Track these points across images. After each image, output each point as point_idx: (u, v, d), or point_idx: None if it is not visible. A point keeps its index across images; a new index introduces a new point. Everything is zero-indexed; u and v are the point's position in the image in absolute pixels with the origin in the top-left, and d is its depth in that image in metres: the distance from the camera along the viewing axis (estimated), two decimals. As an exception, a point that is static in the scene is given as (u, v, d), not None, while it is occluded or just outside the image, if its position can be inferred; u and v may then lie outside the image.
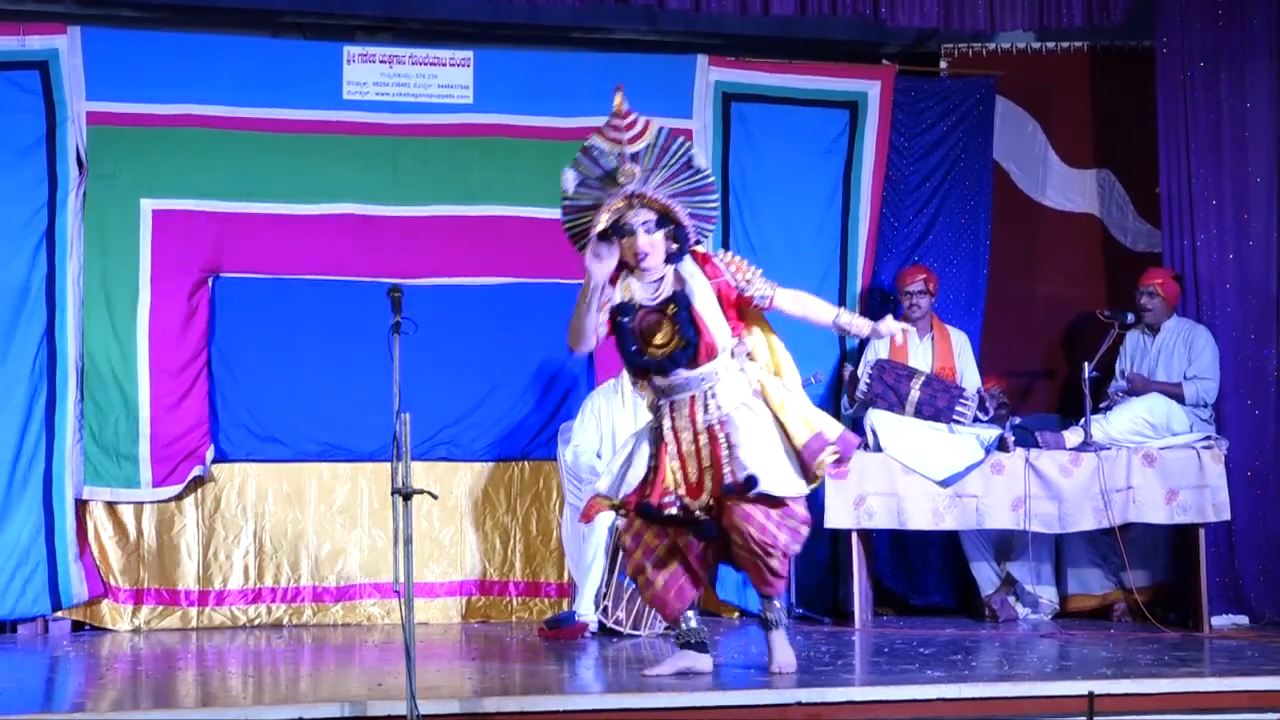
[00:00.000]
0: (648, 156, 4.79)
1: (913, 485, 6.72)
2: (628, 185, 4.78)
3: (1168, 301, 7.03)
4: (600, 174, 4.83)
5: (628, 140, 4.77)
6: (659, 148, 4.79)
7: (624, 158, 4.77)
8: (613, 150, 4.79)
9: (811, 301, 5.11)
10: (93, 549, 6.92)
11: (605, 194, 4.82)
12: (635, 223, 4.79)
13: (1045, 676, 5.18)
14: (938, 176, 7.69)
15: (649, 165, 4.79)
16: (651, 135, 4.79)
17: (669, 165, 4.81)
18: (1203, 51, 7.16)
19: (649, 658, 5.85)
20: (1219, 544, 6.81)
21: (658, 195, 4.81)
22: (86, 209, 6.97)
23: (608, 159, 4.80)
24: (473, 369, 7.26)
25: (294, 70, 7.23)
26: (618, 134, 4.78)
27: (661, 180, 4.81)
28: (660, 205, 4.80)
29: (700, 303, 4.84)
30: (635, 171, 4.78)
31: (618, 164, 4.78)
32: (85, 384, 6.91)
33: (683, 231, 4.86)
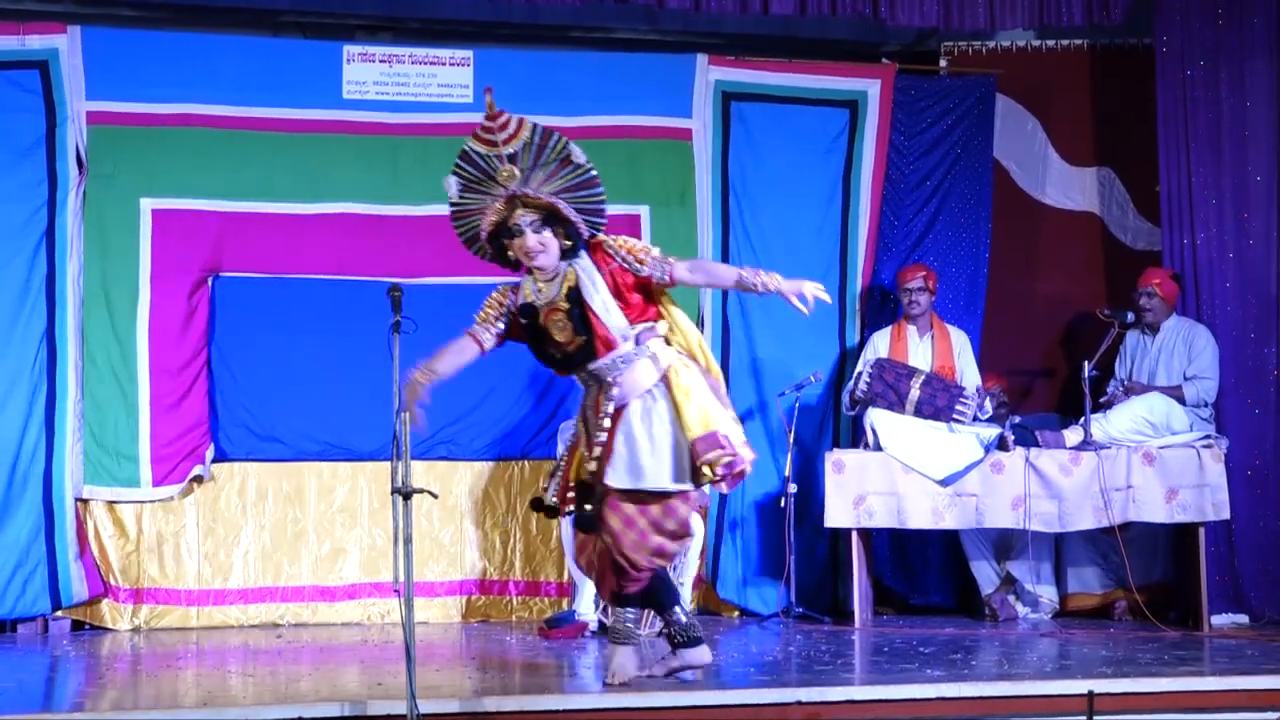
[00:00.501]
0: (525, 155, 4.73)
1: (913, 484, 6.72)
2: (509, 186, 4.74)
3: (1166, 301, 7.03)
4: (481, 177, 4.77)
5: (502, 141, 4.71)
6: (535, 145, 4.73)
7: (501, 159, 4.72)
8: (489, 153, 4.73)
9: (712, 267, 5.01)
10: (93, 548, 6.92)
11: (490, 197, 4.78)
12: (521, 223, 4.75)
13: (1045, 676, 5.19)
14: (938, 175, 7.69)
15: (528, 164, 4.74)
16: (526, 133, 4.72)
17: (548, 162, 4.75)
18: (1202, 50, 7.15)
19: (649, 657, 5.85)
20: (1219, 543, 6.81)
21: (540, 193, 4.75)
22: (86, 208, 6.97)
23: (486, 162, 4.74)
24: (472, 368, 7.18)
25: (294, 70, 7.23)
26: (491, 135, 4.72)
27: (543, 178, 4.75)
28: (544, 203, 4.74)
29: (592, 297, 4.76)
30: (514, 172, 4.73)
31: (496, 166, 4.73)
32: (85, 383, 6.91)
33: (573, 228, 4.78)
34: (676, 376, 4.80)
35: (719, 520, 7.31)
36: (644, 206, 7.46)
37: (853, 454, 6.89)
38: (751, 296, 7.43)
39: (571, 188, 4.78)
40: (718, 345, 7.46)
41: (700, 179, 7.51)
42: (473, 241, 4.91)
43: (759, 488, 7.37)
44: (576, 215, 4.78)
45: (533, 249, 4.76)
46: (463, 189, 4.81)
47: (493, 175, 4.74)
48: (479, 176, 4.77)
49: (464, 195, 4.82)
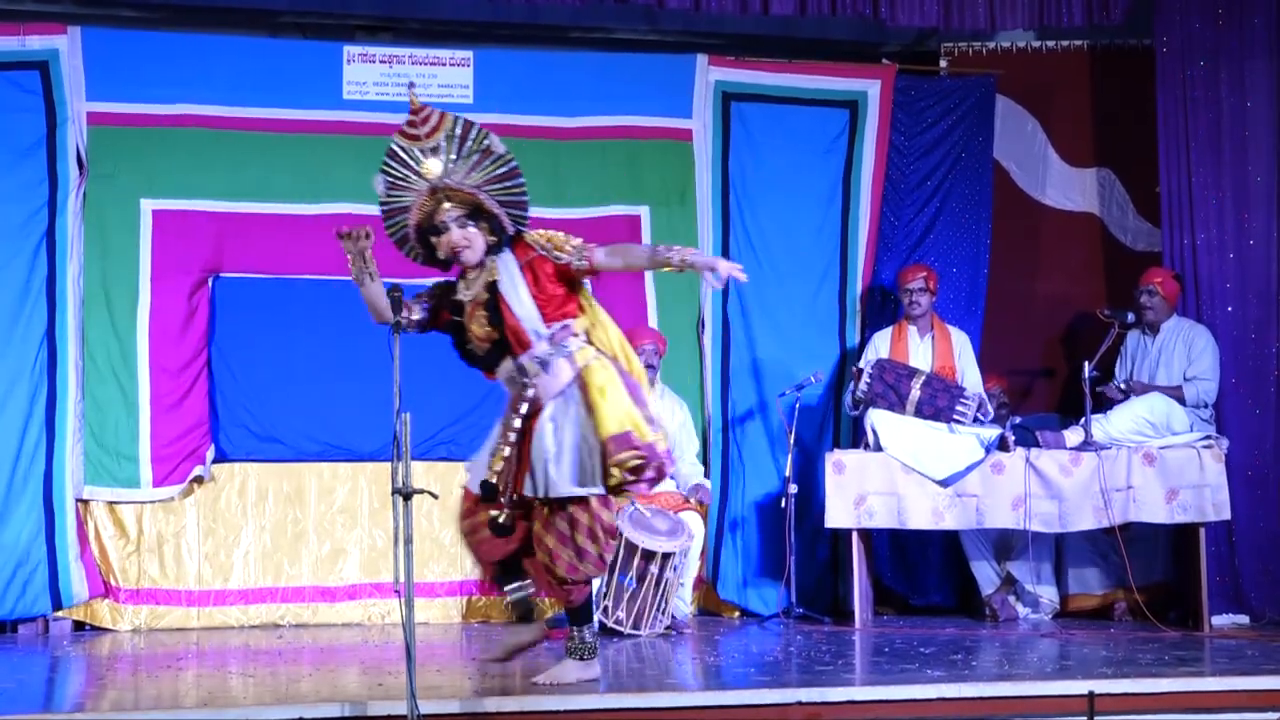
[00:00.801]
0: (448, 148, 4.73)
1: (913, 485, 6.72)
2: (431, 179, 4.74)
3: (1168, 301, 7.03)
4: (407, 174, 4.77)
5: (425, 135, 4.72)
6: (457, 137, 4.73)
7: (425, 152, 4.72)
8: (413, 147, 4.74)
9: (630, 249, 4.98)
10: (93, 549, 6.92)
11: (416, 193, 4.79)
12: (447, 219, 4.76)
13: (1045, 676, 5.18)
14: (938, 176, 7.69)
15: (450, 157, 4.73)
16: (448, 126, 4.73)
17: (470, 154, 4.75)
18: (1202, 50, 7.15)
19: (649, 657, 5.86)
20: (1219, 543, 6.81)
21: (463, 185, 4.75)
22: (87, 209, 6.97)
23: (411, 157, 4.75)
24: (474, 369, 7.24)
25: (294, 70, 7.24)
26: (415, 130, 4.73)
27: (466, 170, 4.75)
28: (467, 195, 4.75)
29: (507, 290, 4.77)
30: (437, 164, 4.73)
31: (420, 159, 4.73)
32: (86, 383, 6.91)
33: (497, 222, 4.80)
34: (592, 375, 4.76)
35: (719, 521, 7.31)
36: (644, 207, 7.47)
37: (853, 454, 6.89)
38: (751, 295, 7.50)
39: (494, 179, 4.78)
40: (718, 346, 7.46)
41: (700, 179, 7.51)
42: (404, 242, 4.91)
43: (759, 488, 7.37)
44: (499, 208, 4.79)
45: (458, 244, 4.77)
46: (390, 187, 4.80)
47: (417, 170, 4.75)
48: (404, 173, 4.78)
49: (391, 193, 4.82)
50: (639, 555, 6.36)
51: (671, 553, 6.40)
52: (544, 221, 7.40)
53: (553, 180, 7.40)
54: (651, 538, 6.38)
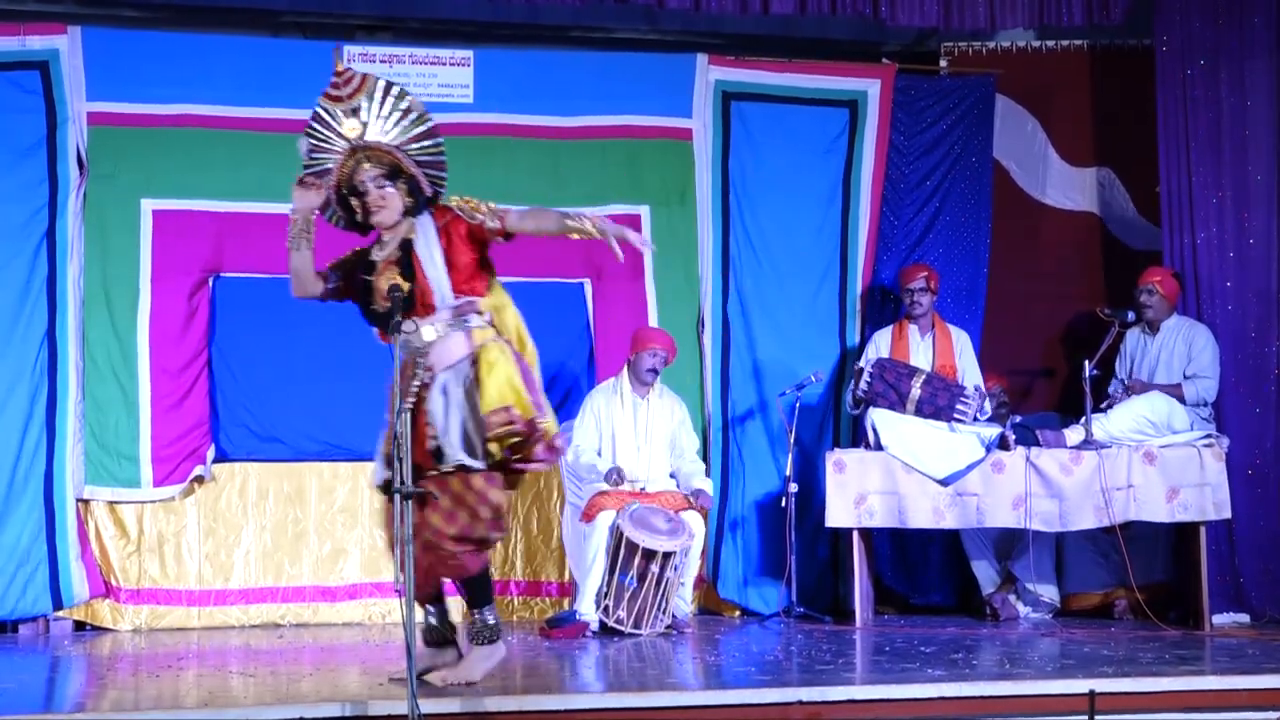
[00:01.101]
0: (367, 107, 4.79)
1: (913, 484, 6.72)
2: (352, 138, 4.79)
3: (1167, 299, 7.02)
4: (329, 135, 4.82)
5: (347, 96, 4.78)
6: (378, 97, 4.79)
7: (346, 113, 4.78)
8: (335, 108, 4.80)
9: (543, 213, 4.96)
10: (94, 548, 6.92)
11: (338, 154, 4.84)
12: (366, 179, 4.80)
13: (1046, 675, 5.18)
14: (938, 175, 7.69)
15: (369, 116, 4.79)
16: (369, 86, 4.79)
17: (389, 114, 4.80)
18: (1202, 50, 7.15)
19: (650, 657, 5.85)
20: (1220, 542, 6.81)
21: (381, 144, 4.80)
22: (87, 209, 6.97)
23: (333, 118, 4.81)
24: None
25: (294, 70, 7.21)
26: (338, 91, 4.79)
27: (384, 128, 4.80)
28: (385, 154, 4.80)
29: (422, 250, 4.80)
30: (357, 124, 4.79)
31: (341, 120, 4.79)
32: (86, 384, 6.91)
33: (415, 183, 4.84)
34: (485, 352, 4.79)
35: (720, 520, 7.31)
36: (644, 206, 7.46)
37: (853, 453, 6.89)
38: (751, 295, 7.50)
39: (412, 138, 4.83)
40: (718, 345, 7.46)
41: (700, 179, 7.51)
42: (325, 205, 4.91)
43: (760, 487, 7.37)
44: (417, 168, 4.84)
45: (374, 203, 4.81)
46: (312, 149, 4.84)
47: (339, 130, 4.80)
48: (326, 135, 4.82)
49: (314, 155, 4.85)
50: (639, 554, 6.36)
51: (672, 552, 6.40)
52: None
53: (553, 180, 7.40)
54: (652, 537, 6.38)
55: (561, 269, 7.38)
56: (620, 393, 6.82)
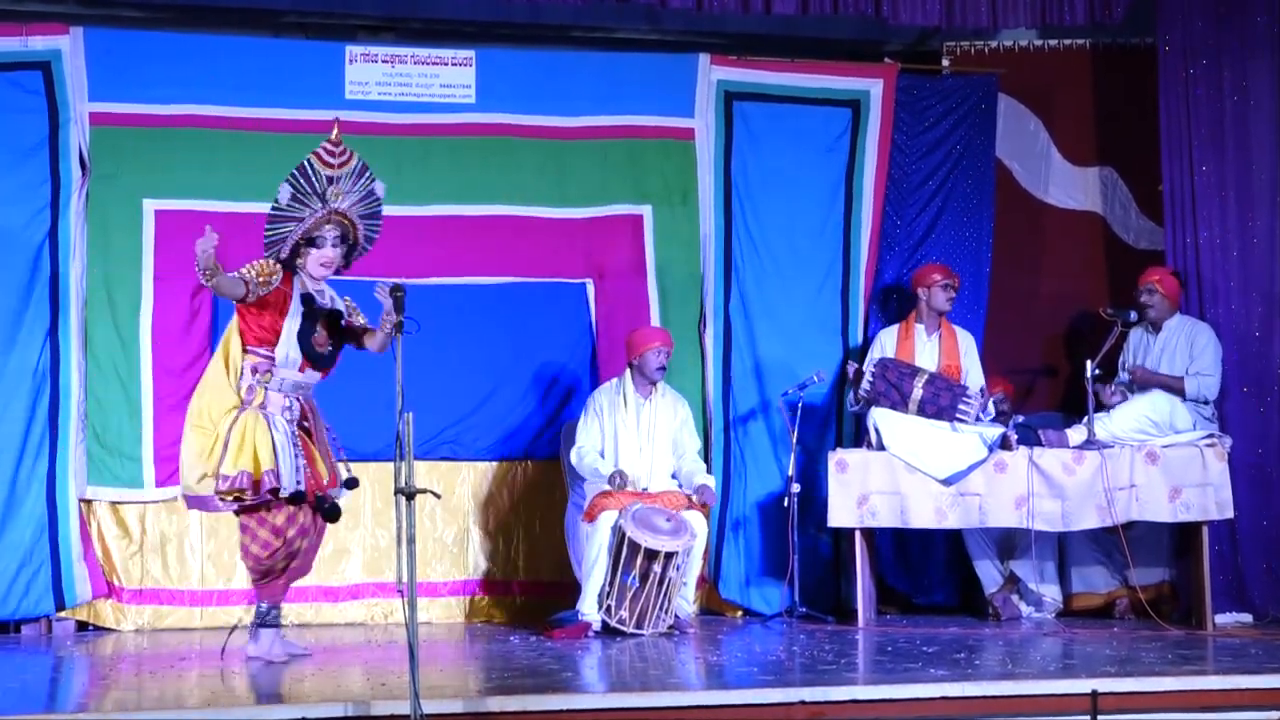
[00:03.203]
0: (347, 180, 5.56)
1: (916, 484, 6.71)
2: (332, 203, 5.56)
3: (1168, 299, 7.01)
4: (310, 191, 5.52)
5: (338, 165, 5.51)
6: (355, 174, 5.56)
7: (331, 179, 5.52)
8: (325, 172, 5.51)
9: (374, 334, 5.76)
10: (96, 549, 6.92)
11: (309, 209, 5.55)
12: (327, 235, 5.61)
13: (1049, 675, 5.18)
14: (940, 175, 7.69)
15: (346, 188, 5.56)
16: (354, 163, 5.55)
17: (359, 190, 5.61)
18: (1205, 49, 7.15)
19: (652, 657, 5.85)
20: (1222, 542, 6.80)
21: (349, 213, 5.64)
22: (89, 209, 6.97)
23: (319, 181, 5.52)
24: (476, 369, 7.26)
25: (296, 70, 7.23)
26: (332, 159, 5.51)
27: (351, 201, 5.62)
28: (350, 221, 5.65)
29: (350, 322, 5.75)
30: (339, 192, 5.55)
31: (327, 185, 5.52)
32: (88, 384, 6.91)
33: (354, 250, 5.74)
34: None
35: (722, 520, 7.31)
36: (646, 206, 7.46)
37: (856, 453, 6.89)
38: (753, 294, 7.51)
39: (365, 215, 5.70)
40: (720, 345, 7.46)
41: (702, 179, 7.50)
42: (274, 244, 5.60)
43: (762, 487, 7.37)
44: (362, 240, 5.74)
45: (330, 260, 5.66)
46: (291, 198, 5.52)
47: (320, 193, 5.53)
48: (308, 190, 5.52)
49: (290, 203, 5.54)
50: (642, 554, 6.36)
51: (674, 552, 6.40)
52: (546, 221, 7.46)
53: (555, 180, 7.40)
54: (654, 537, 6.38)
55: (563, 269, 7.38)
56: (624, 393, 6.82)
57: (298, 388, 5.69)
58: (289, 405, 5.64)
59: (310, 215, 5.56)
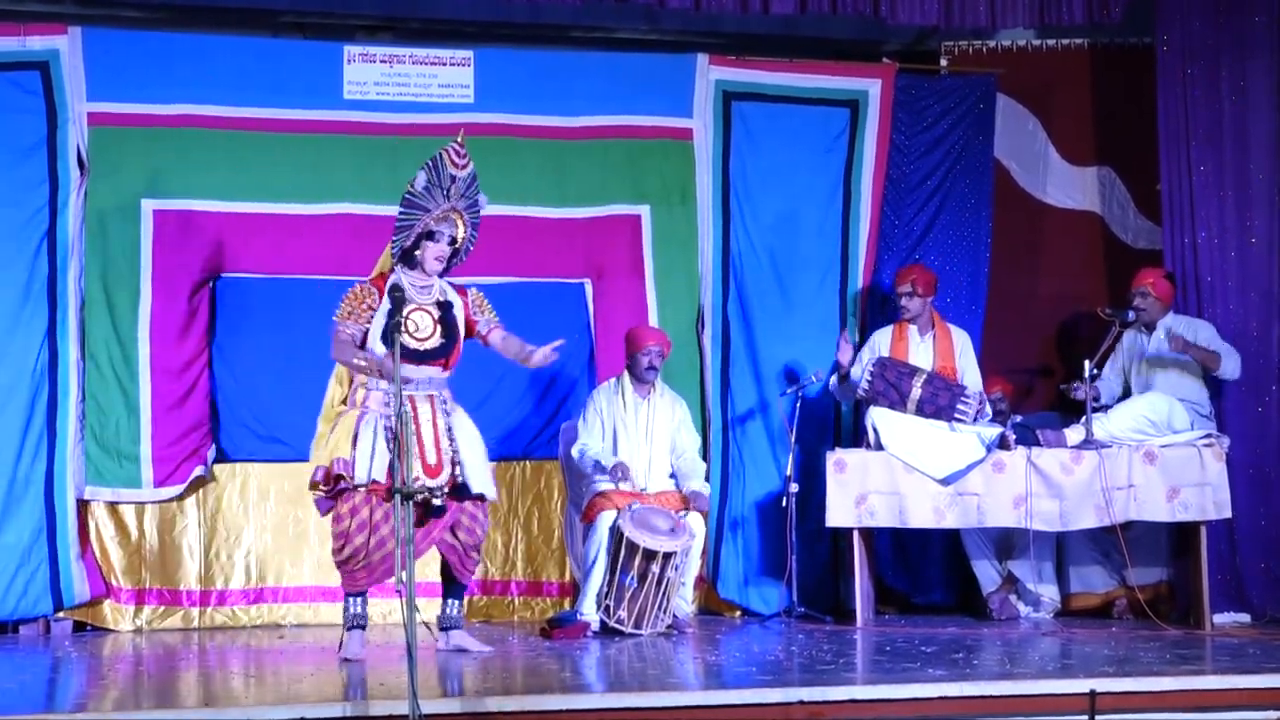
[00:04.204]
0: (463, 184, 5.87)
1: (914, 483, 6.72)
2: (454, 201, 5.86)
3: (1161, 301, 7.01)
4: (437, 184, 5.81)
5: (460, 166, 5.84)
6: (469, 180, 5.89)
7: (455, 179, 5.84)
8: (449, 169, 5.84)
9: (513, 340, 6.00)
10: (94, 549, 6.92)
11: (434, 202, 5.82)
12: (444, 231, 5.86)
13: (1047, 675, 5.18)
14: (939, 175, 7.69)
15: (460, 191, 5.87)
16: (471, 169, 5.89)
17: (469, 196, 5.91)
18: (1203, 48, 7.15)
19: (651, 657, 5.86)
20: (1220, 542, 6.81)
21: (466, 214, 5.94)
22: (88, 210, 6.97)
23: (444, 175, 5.82)
24: (474, 368, 7.23)
25: (294, 70, 7.23)
26: (458, 160, 5.85)
27: (465, 205, 5.92)
28: (466, 222, 5.95)
29: (459, 315, 5.93)
30: (455, 192, 5.86)
31: (450, 183, 5.83)
32: (87, 384, 6.91)
33: (457, 253, 5.96)
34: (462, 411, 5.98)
35: (720, 520, 7.31)
36: (644, 206, 7.47)
37: (854, 453, 6.89)
38: (752, 295, 7.51)
39: (470, 224, 5.98)
40: (718, 345, 7.46)
41: (701, 179, 7.51)
42: (402, 230, 5.85)
43: (760, 487, 7.37)
44: (466, 243, 6.00)
45: (441, 255, 5.89)
46: (425, 186, 5.80)
47: (445, 187, 5.82)
48: (436, 183, 5.81)
49: (424, 190, 5.80)
50: (640, 555, 6.36)
51: (673, 552, 6.40)
52: (545, 221, 7.46)
53: (553, 180, 7.40)
54: (653, 537, 6.38)
55: (562, 269, 7.39)
56: (622, 393, 6.82)
57: (409, 386, 5.70)
58: (387, 402, 5.64)
59: (436, 207, 5.82)
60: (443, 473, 5.72)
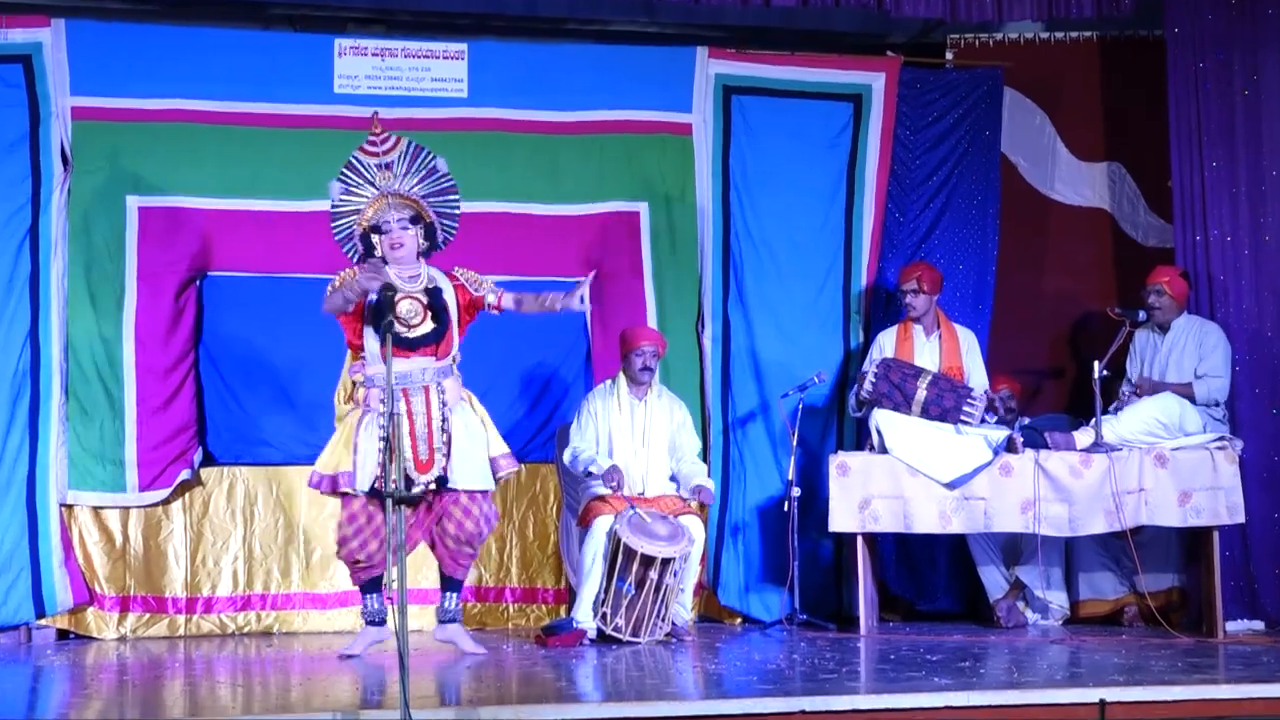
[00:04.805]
0: (399, 163, 5.87)
1: (919, 487, 6.70)
2: (385, 186, 5.87)
3: (1176, 300, 7.00)
4: (360, 182, 5.89)
5: (382, 152, 5.86)
6: (408, 155, 5.89)
7: (380, 167, 5.86)
8: (369, 161, 5.88)
9: (528, 297, 6.04)
10: (78, 555, 6.90)
11: (362, 199, 5.90)
12: (390, 219, 5.86)
13: (1056, 684, 5.18)
14: (944, 171, 7.68)
15: (400, 170, 5.87)
16: (402, 146, 5.89)
17: (418, 170, 5.90)
18: (1215, 41, 7.14)
19: (649, 665, 5.84)
20: (1233, 547, 6.79)
21: (410, 194, 5.91)
22: (71, 206, 6.96)
23: (368, 170, 5.88)
24: (467, 370, 7.23)
25: (284, 64, 7.22)
26: (375, 149, 5.89)
27: (414, 182, 5.90)
28: (411, 201, 5.91)
29: (449, 300, 5.93)
30: (389, 176, 5.87)
31: (376, 172, 5.86)
32: (70, 385, 6.90)
33: (431, 228, 5.95)
34: (474, 400, 6.07)
35: (720, 525, 7.30)
36: (643, 203, 7.46)
37: (857, 456, 6.88)
38: (752, 294, 7.50)
39: (435, 193, 5.95)
40: (718, 345, 7.45)
41: (700, 175, 7.50)
42: (346, 240, 5.96)
43: (761, 491, 7.36)
44: (436, 217, 5.95)
45: (400, 242, 5.87)
46: (344, 192, 5.90)
47: (371, 180, 5.87)
48: (358, 181, 5.89)
49: (344, 198, 5.91)
50: (638, 560, 6.34)
51: (671, 558, 6.39)
52: (538, 218, 7.45)
53: (549, 176, 7.39)
54: (651, 542, 6.37)
55: (558, 267, 7.37)
56: (618, 395, 6.81)
57: (404, 378, 5.77)
58: (384, 399, 5.66)
59: (365, 203, 5.87)
60: (433, 468, 5.80)
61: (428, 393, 5.86)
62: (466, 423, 5.93)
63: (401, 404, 5.79)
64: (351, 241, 5.94)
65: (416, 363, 5.84)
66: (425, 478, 5.80)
